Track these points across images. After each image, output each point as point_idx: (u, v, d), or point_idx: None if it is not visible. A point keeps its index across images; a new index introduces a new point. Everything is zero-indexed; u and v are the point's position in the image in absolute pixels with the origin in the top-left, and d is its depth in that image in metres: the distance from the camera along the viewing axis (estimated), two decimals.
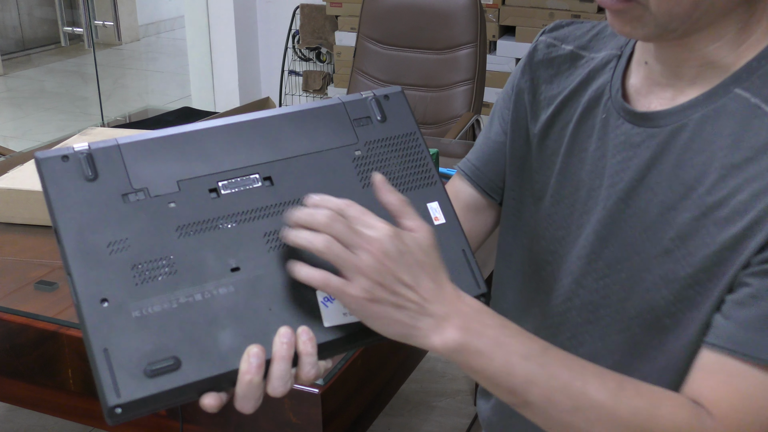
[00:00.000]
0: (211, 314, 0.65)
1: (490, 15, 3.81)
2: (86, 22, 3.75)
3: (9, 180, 1.69)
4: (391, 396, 1.40)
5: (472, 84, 2.81)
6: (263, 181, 0.71)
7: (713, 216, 0.76)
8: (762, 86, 0.76)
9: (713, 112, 0.78)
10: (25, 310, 1.34)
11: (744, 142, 0.75)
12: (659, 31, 0.76)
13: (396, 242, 0.67)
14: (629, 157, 0.83)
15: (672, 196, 0.79)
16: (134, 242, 0.66)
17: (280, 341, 0.66)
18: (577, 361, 0.73)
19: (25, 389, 1.36)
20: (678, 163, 0.79)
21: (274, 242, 0.70)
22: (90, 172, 0.68)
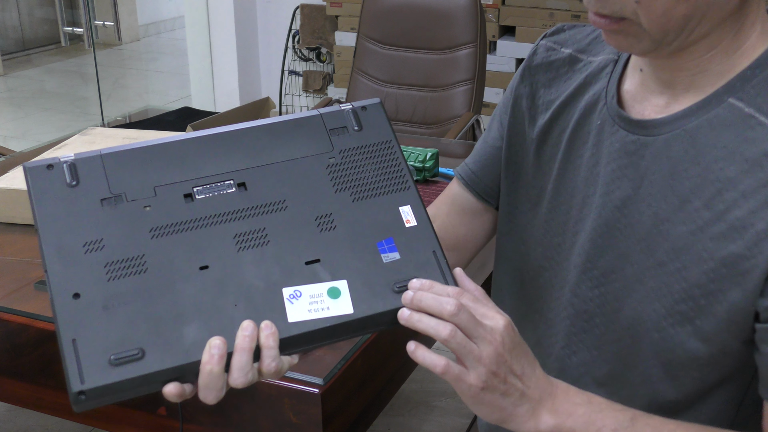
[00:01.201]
0: (177, 309, 0.69)
1: (490, 15, 3.81)
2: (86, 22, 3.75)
3: (9, 180, 1.69)
4: (391, 396, 1.40)
5: (472, 84, 2.81)
6: (237, 186, 0.75)
7: (709, 231, 0.75)
8: (756, 95, 0.75)
9: (707, 122, 0.77)
10: (25, 310, 1.34)
11: (738, 154, 0.74)
12: (655, 45, 0.75)
13: (512, 334, 0.71)
14: (624, 166, 0.82)
15: (666, 207, 0.79)
16: (109, 242, 0.70)
17: (242, 334, 0.68)
18: (666, 426, 0.75)
19: (25, 389, 1.36)
20: (672, 173, 0.78)
21: (244, 243, 0.73)
22: (72, 179, 0.72)
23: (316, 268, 0.73)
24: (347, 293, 0.72)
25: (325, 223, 0.74)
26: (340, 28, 4.13)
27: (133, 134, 2.01)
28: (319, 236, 0.74)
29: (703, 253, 0.76)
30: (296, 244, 0.73)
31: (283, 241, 0.73)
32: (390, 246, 0.75)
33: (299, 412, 1.15)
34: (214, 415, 1.22)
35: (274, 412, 1.17)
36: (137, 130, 2.05)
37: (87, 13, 3.75)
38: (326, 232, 0.74)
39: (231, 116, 1.87)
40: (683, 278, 0.77)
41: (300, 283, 0.72)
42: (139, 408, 1.28)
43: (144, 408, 1.27)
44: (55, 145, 1.98)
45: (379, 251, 0.75)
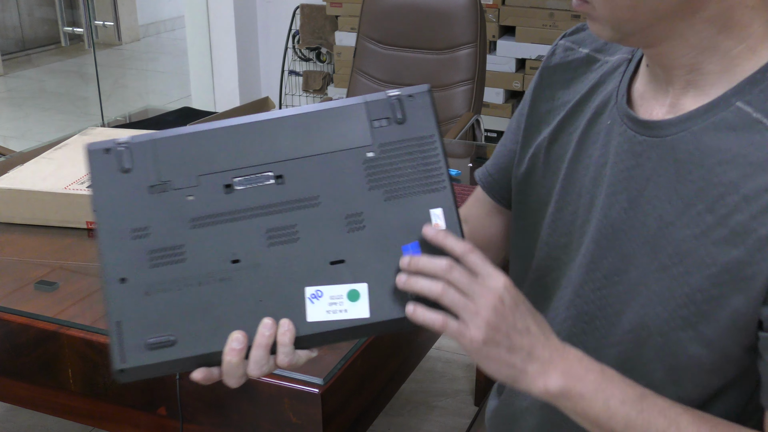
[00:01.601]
0: (207, 300, 0.74)
1: (490, 15, 3.81)
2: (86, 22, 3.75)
3: (9, 180, 1.69)
4: (391, 396, 1.40)
5: (472, 84, 2.81)
6: (275, 179, 0.76)
7: (713, 235, 0.75)
8: (765, 100, 0.74)
9: (713, 125, 0.76)
10: (25, 310, 1.34)
11: (743, 158, 0.73)
12: (617, 34, 0.76)
13: (512, 292, 0.74)
14: (631, 167, 0.82)
15: (671, 210, 0.78)
16: (153, 230, 0.75)
17: (262, 331, 0.73)
18: (672, 408, 0.76)
19: (25, 389, 1.36)
20: (677, 176, 0.78)
21: (275, 239, 0.75)
22: (126, 164, 0.77)
23: (340, 269, 0.74)
24: (366, 297, 0.74)
25: (355, 222, 0.75)
26: (340, 28, 4.13)
27: (133, 134, 2.01)
28: (346, 236, 0.75)
29: (705, 258, 0.75)
30: (323, 243, 0.75)
31: (311, 239, 0.75)
32: (415, 250, 0.75)
33: (299, 412, 1.15)
34: (214, 415, 1.22)
35: (274, 412, 1.17)
36: (137, 130, 2.05)
37: (87, 13, 3.75)
38: (354, 232, 0.75)
39: (231, 116, 1.88)
40: (686, 283, 0.77)
41: (323, 282, 0.74)
42: (139, 408, 1.28)
43: (144, 408, 1.27)
44: (55, 145, 1.98)
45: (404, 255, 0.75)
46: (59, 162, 1.79)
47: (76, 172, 1.73)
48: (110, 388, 1.28)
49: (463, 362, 2.49)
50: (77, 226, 1.64)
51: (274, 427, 1.18)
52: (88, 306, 1.35)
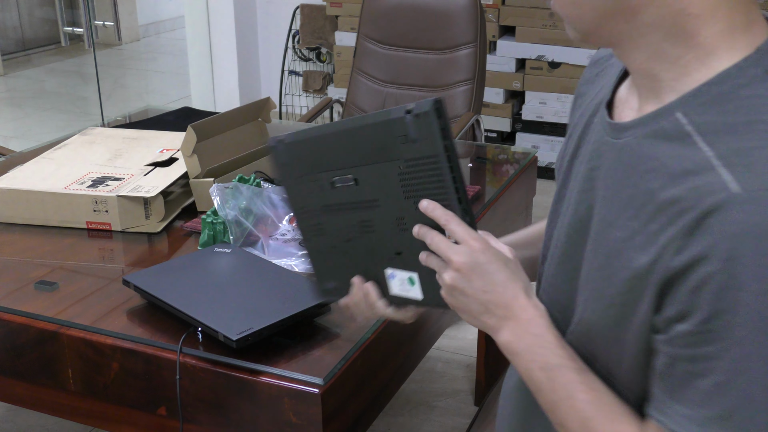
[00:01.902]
0: (340, 260, 0.99)
1: (490, 15, 3.81)
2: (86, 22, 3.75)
3: (9, 180, 1.69)
4: (391, 396, 1.40)
5: (472, 84, 2.80)
6: (354, 182, 0.92)
7: (634, 241, 0.75)
8: (700, 114, 0.73)
9: (653, 132, 0.76)
10: (25, 310, 1.34)
11: (666, 168, 0.73)
12: (578, 33, 0.80)
13: (478, 255, 0.85)
14: (595, 167, 0.84)
15: (612, 212, 0.79)
16: (309, 212, 0.99)
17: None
18: (578, 384, 0.83)
19: (25, 389, 1.36)
20: (621, 180, 0.79)
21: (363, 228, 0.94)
22: (286, 159, 0.97)
23: (402, 258, 0.92)
24: (418, 283, 0.93)
25: (401, 224, 0.90)
26: (340, 28, 4.13)
27: (133, 134, 2.01)
28: (399, 233, 0.91)
29: (626, 263, 0.76)
30: (389, 237, 0.92)
31: (381, 232, 0.92)
32: None
33: (299, 412, 1.15)
34: (214, 415, 1.22)
35: (274, 412, 1.17)
36: (137, 130, 2.05)
37: (87, 13, 3.76)
38: (403, 232, 0.90)
39: (231, 116, 1.88)
40: (611, 284, 0.78)
41: (394, 267, 0.94)
42: (139, 408, 1.28)
43: (144, 408, 1.27)
44: (55, 145, 1.98)
45: None
46: (59, 162, 1.79)
47: (76, 172, 1.73)
48: (110, 388, 1.28)
49: (463, 362, 2.49)
50: (77, 226, 1.64)
51: (274, 427, 1.18)
52: (88, 306, 1.35)
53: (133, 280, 1.34)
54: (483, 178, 2.05)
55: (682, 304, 0.70)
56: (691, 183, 0.70)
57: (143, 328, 1.28)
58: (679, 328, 0.71)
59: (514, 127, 3.94)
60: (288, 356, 1.21)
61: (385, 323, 1.29)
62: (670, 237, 0.71)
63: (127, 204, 1.62)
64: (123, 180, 1.69)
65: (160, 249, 1.60)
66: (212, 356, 1.20)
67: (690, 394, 0.73)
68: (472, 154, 2.23)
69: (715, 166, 0.69)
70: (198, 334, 1.25)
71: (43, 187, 1.65)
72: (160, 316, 1.31)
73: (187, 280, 1.36)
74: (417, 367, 1.66)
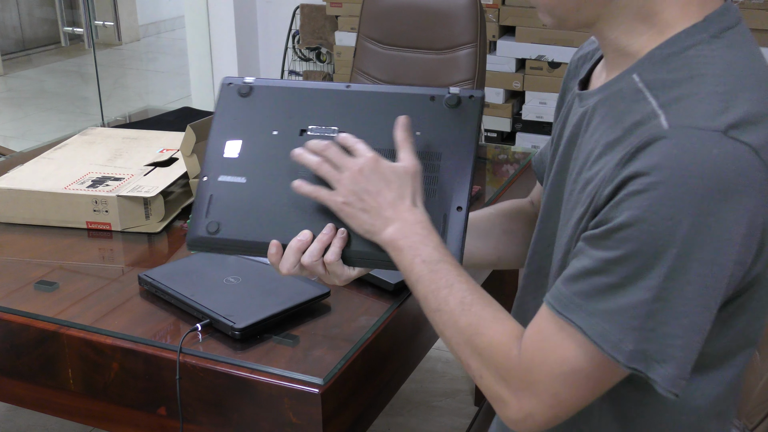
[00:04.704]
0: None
1: (490, 15, 3.81)
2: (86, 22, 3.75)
3: (9, 180, 1.69)
4: (391, 396, 1.40)
5: (472, 84, 2.80)
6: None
7: (586, 191, 0.83)
8: (651, 72, 0.81)
9: (612, 94, 0.85)
10: (25, 310, 1.34)
11: (621, 123, 0.81)
12: (554, 18, 0.87)
13: (372, 165, 0.95)
14: (567, 135, 0.93)
15: (577, 169, 0.88)
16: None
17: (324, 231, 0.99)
18: (457, 276, 0.91)
19: (25, 389, 1.36)
20: (585, 140, 0.88)
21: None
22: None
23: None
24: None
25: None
26: (340, 28, 4.13)
27: (133, 134, 2.01)
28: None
29: (578, 210, 0.84)
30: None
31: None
32: None
33: (299, 412, 1.15)
34: (214, 415, 1.22)
35: (274, 412, 1.17)
36: (137, 130, 2.05)
37: (87, 13, 3.75)
38: None
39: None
40: (567, 234, 0.87)
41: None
42: (139, 408, 1.28)
43: (144, 408, 1.27)
44: (55, 145, 1.98)
45: None
46: (59, 162, 1.79)
47: (76, 172, 1.73)
48: (110, 388, 1.28)
49: None
50: (77, 226, 1.64)
51: (274, 427, 1.18)
52: (88, 306, 1.35)
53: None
54: (483, 178, 2.05)
55: (603, 215, 0.78)
56: (638, 131, 0.78)
57: (143, 328, 1.28)
58: (593, 232, 0.79)
59: (514, 127, 3.94)
60: (288, 356, 1.21)
61: (385, 323, 1.29)
62: (609, 170, 0.78)
63: (127, 204, 1.62)
64: (123, 180, 1.69)
65: (160, 249, 1.60)
66: (212, 356, 1.20)
67: (580, 284, 0.79)
68: None
69: (658, 114, 0.77)
70: (198, 333, 1.25)
71: (43, 187, 1.65)
72: (161, 316, 1.31)
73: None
74: (417, 367, 1.66)
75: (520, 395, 0.83)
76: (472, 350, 0.87)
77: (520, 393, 0.83)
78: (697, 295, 0.75)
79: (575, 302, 0.79)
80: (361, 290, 1.39)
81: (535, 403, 0.82)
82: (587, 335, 0.78)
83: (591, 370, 0.80)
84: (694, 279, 0.74)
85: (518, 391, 0.83)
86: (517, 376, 0.83)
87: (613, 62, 0.88)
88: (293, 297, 1.30)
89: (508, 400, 0.84)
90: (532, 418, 0.83)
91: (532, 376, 0.82)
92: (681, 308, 0.75)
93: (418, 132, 1.01)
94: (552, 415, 0.83)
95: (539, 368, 0.82)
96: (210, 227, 1.02)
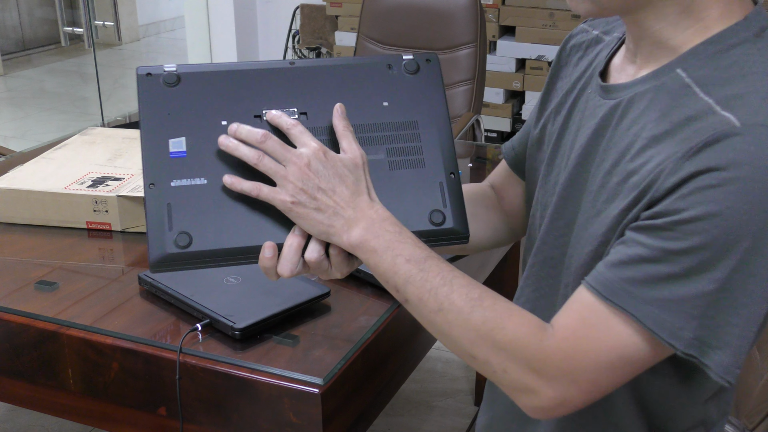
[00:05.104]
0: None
1: (490, 15, 3.81)
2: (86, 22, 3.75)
3: (9, 180, 1.69)
4: (391, 396, 1.40)
5: (472, 84, 2.81)
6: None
7: (629, 182, 0.82)
8: (699, 68, 0.81)
9: (654, 88, 0.84)
10: (25, 310, 1.34)
11: (668, 117, 0.80)
12: (595, 7, 0.84)
13: (320, 157, 0.85)
14: (590, 126, 0.91)
15: (611, 161, 0.86)
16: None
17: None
18: (451, 272, 0.85)
19: (25, 389, 1.36)
20: (620, 132, 0.86)
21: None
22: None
23: None
24: None
25: None
26: (340, 28, 4.13)
27: (133, 134, 2.01)
28: None
29: (620, 201, 0.82)
30: None
31: None
32: None
33: (299, 412, 1.15)
34: (214, 415, 1.22)
35: (274, 412, 1.17)
36: (137, 130, 2.05)
37: (87, 13, 3.75)
38: None
39: None
40: (605, 224, 0.84)
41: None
42: (139, 408, 1.28)
43: (144, 408, 1.27)
44: (55, 145, 1.98)
45: None
46: (59, 162, 1.79)
47: (76, 172, 1.73)
48: (110, 388, 1.28)
49: (463, 362, 2.49)
50: (77, 226, 1.64)
51: (274, 427, 1.18)
52: (88, 306, 1.35)
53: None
54: (483, 178, 2.04)
55: (665, 207, 0.76)
56: (695, 126, 0.77)
57: (143, 328, 1.28)
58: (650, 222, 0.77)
59: (514, 127, 3.94)
60: (288, 356, 1.21)
61: (385, 323, 1.29)
62: (670, 163, 0.77)
63: (127, 204, 1.62)
64: (123, 180, 1.69)
65: None
66: (212, 356, 1.20)
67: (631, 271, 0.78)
68: (472, 154, 2.23)
69: (717, 110, 0.77)
70: (198, 333, 1.25)
71: (43, 187, 1.64)
72: (161, 316, 1.31)
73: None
74: (417, 367, 1.66)
75: (555, 384, 0.81)
76: (493, 346, 0.82)
77: (554, 382, 0.81)
78: (759, 287, 0.75)
79: (626, 289, 0.78)
80: (361, 290, 1.39)
81: (573, 390, 0.81)
82: (642, 323, 0.77)
83: (640, 356, 0.79)
84: (759, 272, 0.75)
85: (553, 380, 0.81)
86: (554, 364, 0.81)
87: (648, 54, 0.86)
88: (293, 297, 1.30)
89: (540, 390, 0.82)
90: (564, 405, 0.82)
91: (573, 364, 0.80)
92: (742, 299, 0.75)
93: (386, 102, 0.93)
94: (587, 400, 0.82)
95: (583, 356, 0.80)
96: (179, 241, 0.87)
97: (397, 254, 0.85)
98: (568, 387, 0.81)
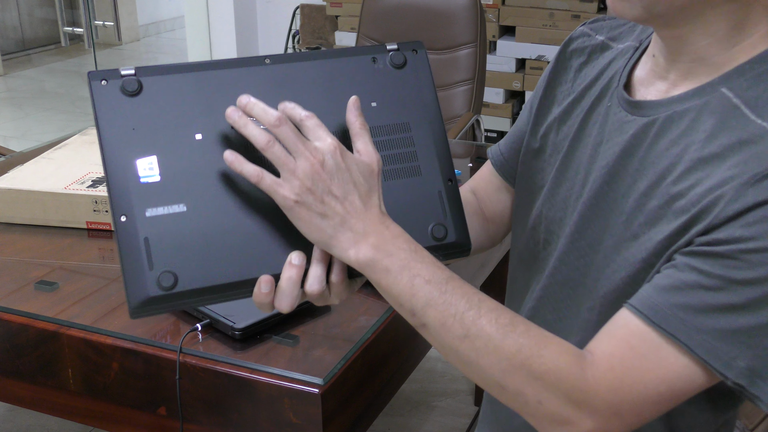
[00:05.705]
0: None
1: (490, 15, 3.81)
2: (86, 22, 3.75)
3: (9, 180, 1.69)
4: (391, 396, 1.40)
5: (472, 84, 2.81)
6: None
7: (675, 206, 0.78)
8: (747, 88, 0.78)
9: (697, 107, 0.80)
10: (25, 310, 1.34)
11: (717, 140, 0.77)
12: (646, 13, 0.78)
13: (336, 157, 0.74)
14: (618, 143, 0.86)
15: (647, 183, 0.82)
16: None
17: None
18: (476, 295, 0.77)
19: (25, 389, 1.36)
20: (656, 151, 0.82)
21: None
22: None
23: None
24: None
25: None
26: (340, 28, 4.13)
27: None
28: None
29: (664, 226, 0.79)
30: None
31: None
32: None
33: (299, 412, 1.15)
34: (214, 415, 1.22)
35: (274, 412, 1.17)
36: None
37: (87, 13, 3.76)
38: None
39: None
40: (646, 249, 0.80)
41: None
42: (139, 408, 1.28)
43: (144, 408, 1.27)
44: (55, 145, 1.98)
45: None
46: (59, 162, 1.79)
47: (76, 172, 1.73)
48: (110, 388, 1.28)
49: None
50: (77, 226, 1.64)
51: (274, 427, 1.18)
52: (88, 306, 1.35)
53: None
54: None
55: (726, 234, 0.72)
56: (752, 150, 0.73)
57: (143, 328, 1.28)
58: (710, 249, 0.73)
59: None
60: (288, 356, 1.21)
61: (385, 323, 1.29)
62: (731, 189, 0.73)
63: None
64: None
65: None
66: (212, 356, 1.20)
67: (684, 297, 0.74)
68: (472, 154, 2.22)
69: None
70: (198, 333, 1.25)
71: (43, 187, 1.64)
72: (160, 316, 1.31)
73: None
74: (417, 367, 1.66)
75: (596, 416, 0.75)
76: (528, 375, 0.75)
77: (596, 414, 0.75)
78: None
79: (678, 316, 0.74)
80: (361, 290, 1.38)
81: (615, 422, 0.76)
82: (695, 352, 0.73)
83: (689, 388, 0.76)
84: None
85: (595, 413, 0.75)
86: (599, 396, 0.75)
87: (686, 71, 0.82)
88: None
89: (579, 422, 0.76)
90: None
91: (620, 396, 0.75)
92: None
93: (374, 103, 0.83)
94: (626, 430, 0.78)
95: (630, 388, 0.75)
96: (163, 281, 0.75)
97: (415, 275, 0.75)
98: (610, 419, 0.76)
